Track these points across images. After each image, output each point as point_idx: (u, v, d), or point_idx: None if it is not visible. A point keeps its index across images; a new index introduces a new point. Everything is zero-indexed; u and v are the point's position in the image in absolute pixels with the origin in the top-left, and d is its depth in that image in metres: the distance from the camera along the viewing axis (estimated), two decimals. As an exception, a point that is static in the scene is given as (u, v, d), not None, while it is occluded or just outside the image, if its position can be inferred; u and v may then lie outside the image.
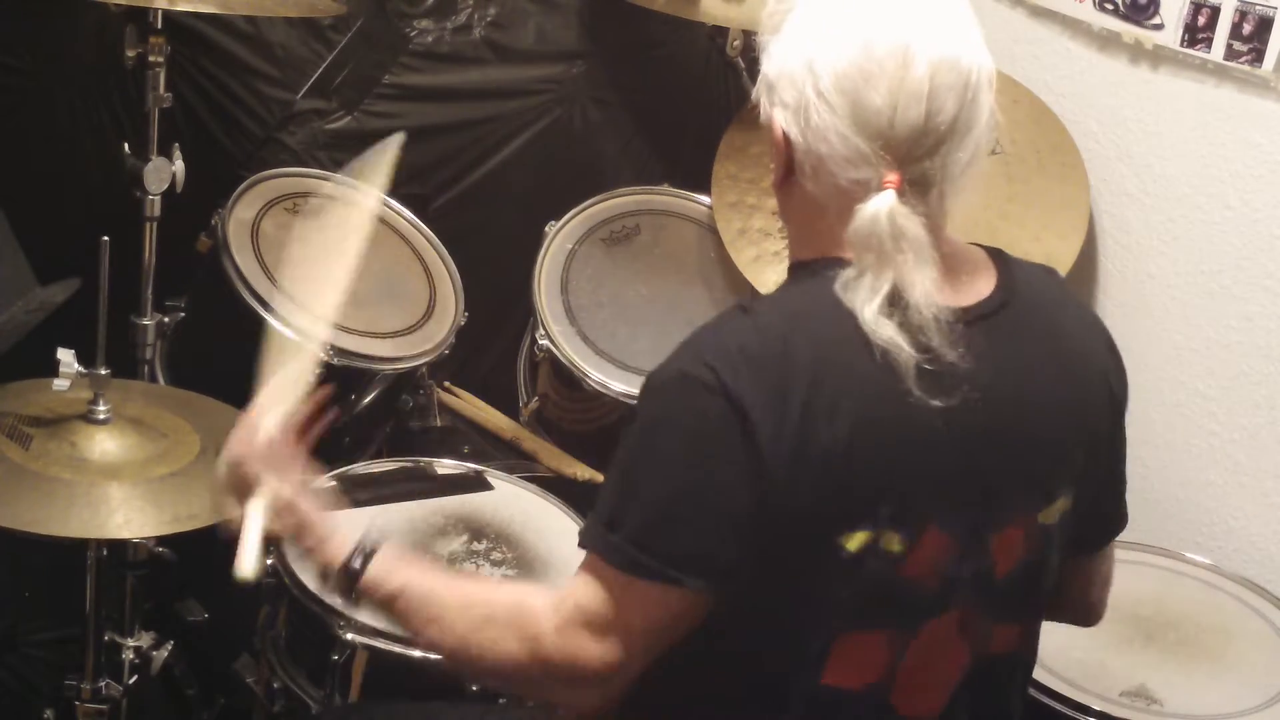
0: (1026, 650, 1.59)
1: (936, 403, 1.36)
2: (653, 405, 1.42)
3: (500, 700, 1.91)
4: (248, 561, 1.52)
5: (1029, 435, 1.46)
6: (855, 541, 1.39)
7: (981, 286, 1.47)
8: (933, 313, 1.36)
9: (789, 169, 1.47)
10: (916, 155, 1.39)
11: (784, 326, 1.40)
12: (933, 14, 1.41)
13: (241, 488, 1.57)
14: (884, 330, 1.35)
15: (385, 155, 1.78)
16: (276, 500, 1.55)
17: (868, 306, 1.36)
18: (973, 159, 1.43)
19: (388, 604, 1.50)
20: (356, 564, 1.50)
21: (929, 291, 1.36)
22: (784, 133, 1.45)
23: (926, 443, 1.39)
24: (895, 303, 1.37)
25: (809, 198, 1.46)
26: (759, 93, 1.48)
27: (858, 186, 1.39)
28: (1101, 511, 1.61)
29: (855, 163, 1.39)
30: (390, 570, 1.49)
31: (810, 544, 1.39)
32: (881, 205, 1.37)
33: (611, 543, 1.40)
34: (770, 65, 1.46)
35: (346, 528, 1.55)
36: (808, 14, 1.44)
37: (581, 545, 1.44)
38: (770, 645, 1.45)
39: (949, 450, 1.41)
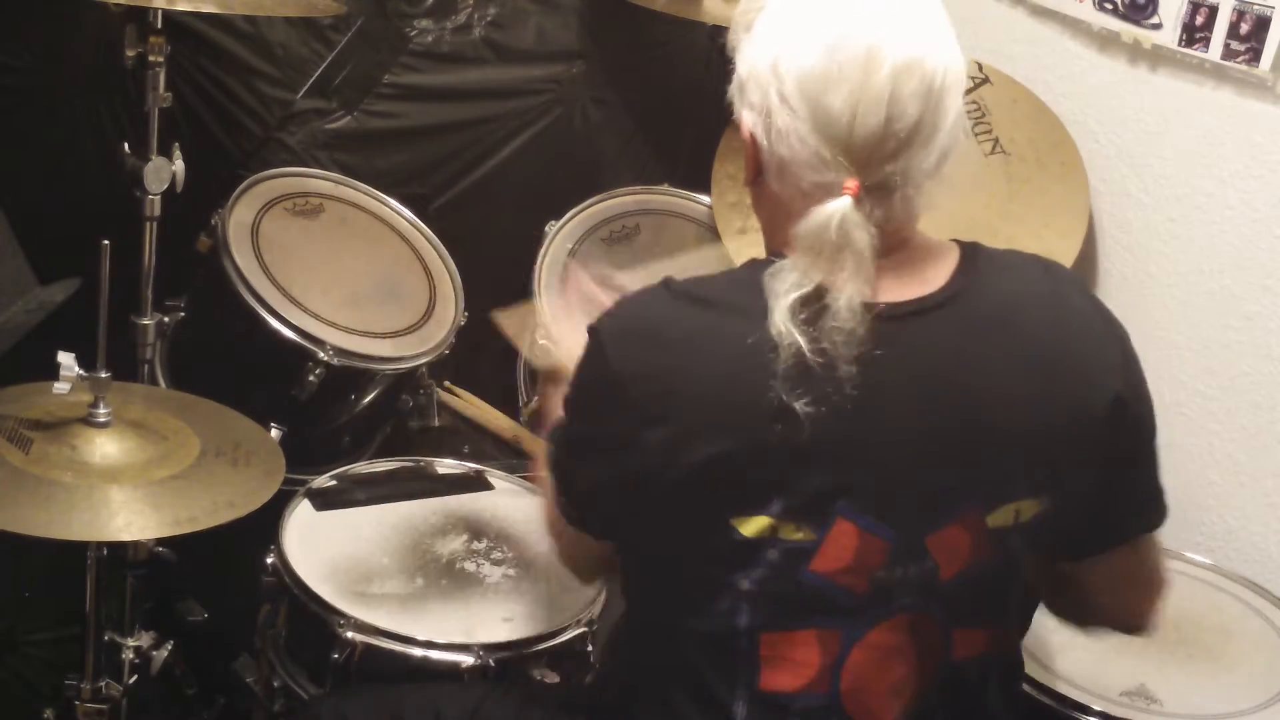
0: (1000, 654, 1.57)
1: (815, 404, 1.36)
2: (582, 353, 1.50)
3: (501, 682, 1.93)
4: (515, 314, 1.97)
5: (965, 435, 1.43)
6: (751, 527, 1.41)
7: (932, 282, 1.45)
8: (846, 321, 1.36)
9: (757, 169, 1.48)
10: (877, 160, 1.39)
11: (691, 310, 1.43)
12: (899, 16, 1.40)
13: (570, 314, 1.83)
14: (783, 324, 1.36)
15: None
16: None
17: (783, 298, 1.37)
18: (941, 161, 1.43)
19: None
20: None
21: (853, 300, 1.37)
22: (751, 134, 1.45)
23: (811, 441, 1.38)
24: (812, 302, 1.37)
25: (775, 198, 1.47)
26: (732, 92, 1.49)
27: (819, 190, 1.40)
28: (1103, 516, 1.55)
29: (816, 167, 1.40)
30: None
31: (702, 520, 1.43)
32: (835, 210, 1.37)
33: (549, 462, 1.57)
34: (741, 64, 1.47)
35: None
36: (776, 14, 1.44)
37: None
38: (701, 637, 1.47)
39: (847, 450, 1.40)
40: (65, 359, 1.89)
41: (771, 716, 1.46)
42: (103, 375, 1.93)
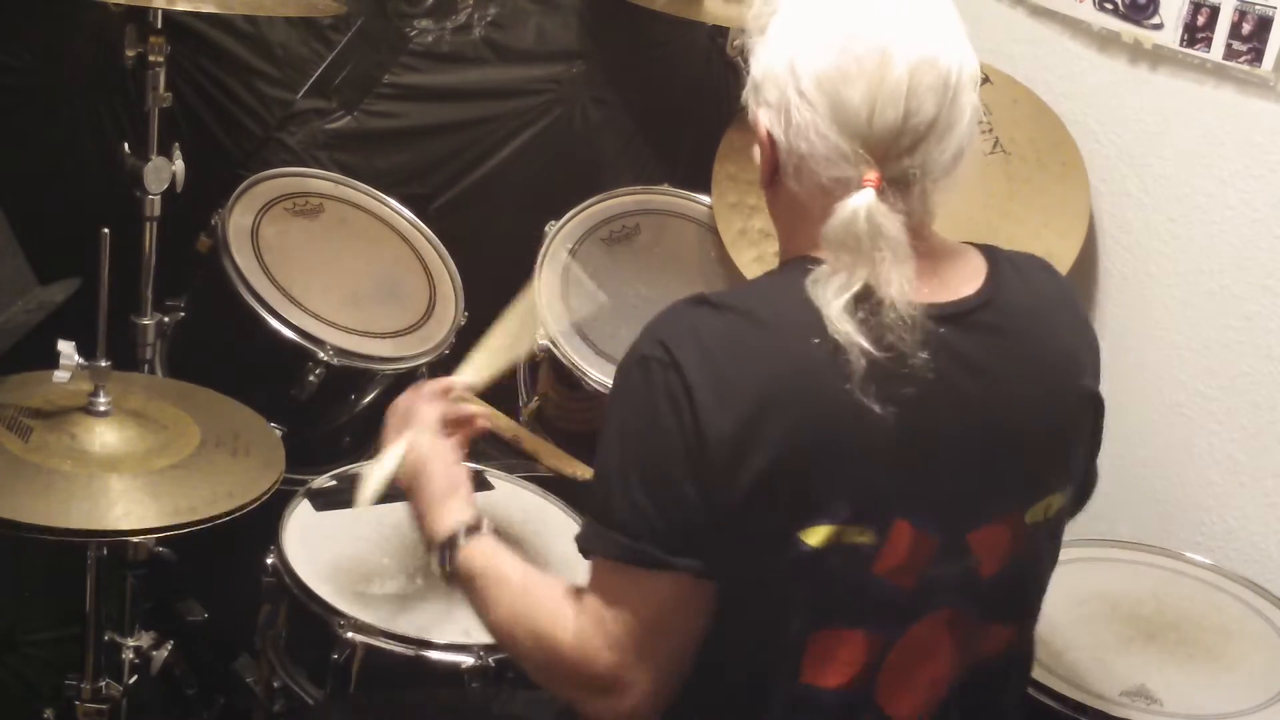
0: (1020, 649, 1.60)
1: (887, 403, 1.36)
2: (617, 397, 1.44)
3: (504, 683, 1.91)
4: (363, 495, 1.70)
5: (1007, 434, 1.46)
6: (816, 537, 1.39)
7: (966, 284, 1.47)
8: (904, 312, 1.36)
9: (774, 169, 1.48)
10: (896, 154, 1.40)
11: (738, 320, 1.41)
12: (913, 14, 1.42)
13: (395, 427, 1.74)
14: (844, 327, 1.36)
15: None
16: (412, 450, 1.68)
17: (834, 302, 1.37)
18: (957, 157, 1.44)
19: (467, 584, 1.56)
20: (452, 543, 1.57)
21: (904, 290, 1.37)
22: (768, 132, 1.46)
23: (883, 440, 1.38)
24: (864, 300, 1.37)
25: (793, 197, 1.47)
26: (747, 93, 1.50)
27: (838, 185, 1.41)
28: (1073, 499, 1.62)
29: (835, 161, 1.40)
30: (476, 555, 1.56)
31: (767, 536, 1.40)
32: (860, 203, 1.38)
33: (607, 537, 1.41)
34: (755, 66, 1.48)
35: (457, 504, 1.62)
36: (791, 14, 1.45)
37: (581, 550, 1.45)
38: (743, 639, 1.45)
39: (910, 448, 1.40)
40: (65, 347, 1.89)
41: (807, 711, 1.46)
42: (103, 364, 1.93)
